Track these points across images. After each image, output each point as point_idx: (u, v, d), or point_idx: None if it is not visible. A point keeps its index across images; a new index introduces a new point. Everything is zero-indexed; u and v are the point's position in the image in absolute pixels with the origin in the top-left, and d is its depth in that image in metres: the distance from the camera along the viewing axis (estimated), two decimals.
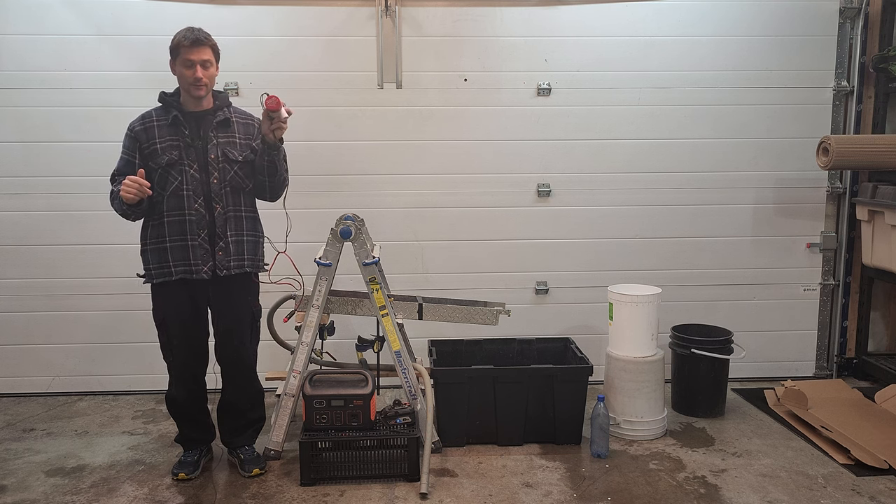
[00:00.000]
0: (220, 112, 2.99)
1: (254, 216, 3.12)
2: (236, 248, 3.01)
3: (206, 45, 2.88)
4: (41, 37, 3.88)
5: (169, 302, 3.03)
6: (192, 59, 2.85)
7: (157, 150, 2.91)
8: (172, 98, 2.96)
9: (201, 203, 2.94)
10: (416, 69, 4.02)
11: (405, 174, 4.12)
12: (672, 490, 3.04)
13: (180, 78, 2.91)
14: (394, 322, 3.28)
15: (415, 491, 3.01)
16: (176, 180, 2.91)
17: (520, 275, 4.24)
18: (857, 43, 4.13)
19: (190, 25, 2.91)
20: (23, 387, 4.16)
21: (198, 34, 2.87)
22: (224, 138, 2.98)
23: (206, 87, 2.91)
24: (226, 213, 2.98)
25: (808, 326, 4.40)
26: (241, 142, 3.01)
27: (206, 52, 2.88)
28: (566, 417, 3.46)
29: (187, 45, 2.84)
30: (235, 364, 3.15)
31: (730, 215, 4.26)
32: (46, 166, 3.98)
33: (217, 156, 2.95)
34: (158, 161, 2.90)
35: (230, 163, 2.97)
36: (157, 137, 2.92)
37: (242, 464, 3.17)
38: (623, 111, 4.12)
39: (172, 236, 2.93)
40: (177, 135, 2.92)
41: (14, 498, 3.01)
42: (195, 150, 2.93)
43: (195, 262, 2.94)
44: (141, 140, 2.93)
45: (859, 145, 3.89)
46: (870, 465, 3.18)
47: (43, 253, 4.05)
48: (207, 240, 2.96)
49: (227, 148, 2.97)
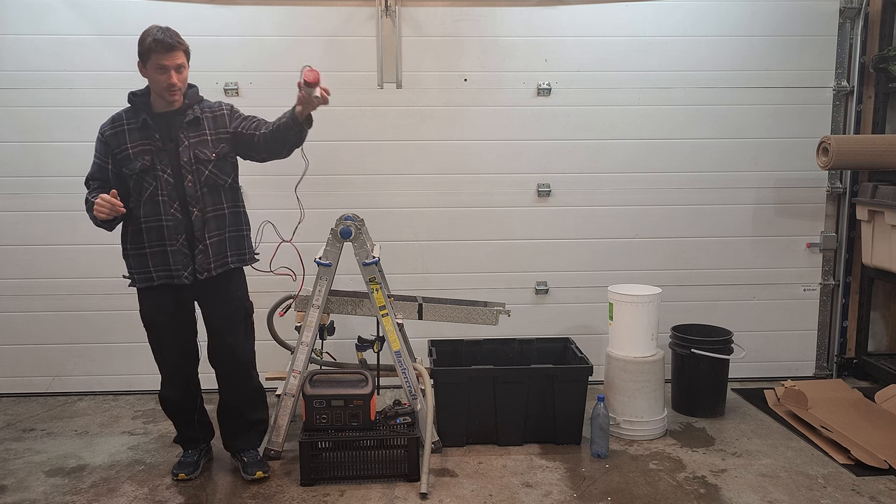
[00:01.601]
0: (190, 111, 2.90)
1: (236, 211, 3.03)
2: (217, 249, 2.95)
3: (178, 49, 2.79)
4: (41, 37, 3.88)
5: (154, 304, 3.00)
6: (166, 65, 2.76)
7: (129, 156, 2.85)
8: (141, 99, 2.89)
9: (177, 208, 2.88)
10: (416, 69, 4.02)
11: (405, 174, 4.11)
12: (672, 490, 3.04)
13: (152, 82, 2.82)
14: (394, 322, 3.28)
15: (415, 491, 3.01)
16: (151, 186, 2.85)
17: (520, 275, 4.24)
18: (857, 43, 4.13)
19: (157, 25, 2.82)
20: (23, 387, 4.16)
21: (170, 39, 2.76)
22: (195, 138, 2.89)
23: (179, 91, 2.83)
24: (204, 215, 2.92)
25: (808, 326, 4.40)
26: (212, 138, 2.93)
27: (179, 55, 2.79)
28: (566, 417, 3.46)
29: (160, 52, 2.74)
30: (230, 362, 3.11)
31: (730, 215, 4.26)
32: (46, 166, 3.98)
33: (189, 158, 2.87)
34: (131, 167, 2.85)
35: (203, 163, 2.90)
36: (128, 142, 2.85)
37: (245, 467, 3.12)
38: (623, 111, 4.12)
39: (151, 242, 2.89)
40: (147, 139, 2.85)
41: (14, 498, 3.01)
42: (167, 154, 2.86)
43: (175, 268, 2.90)
44: (112, 145, 2.87)
45: (859, 145, 3.89)
46: (870, 465, 3.18)
47: (43, 253, 4.05)
48: (186, 244, 2.90)
49: (199, 148, 2.89)
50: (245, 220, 3.11)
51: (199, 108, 2.96)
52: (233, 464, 3.24)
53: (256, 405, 3.24)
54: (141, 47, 2.79)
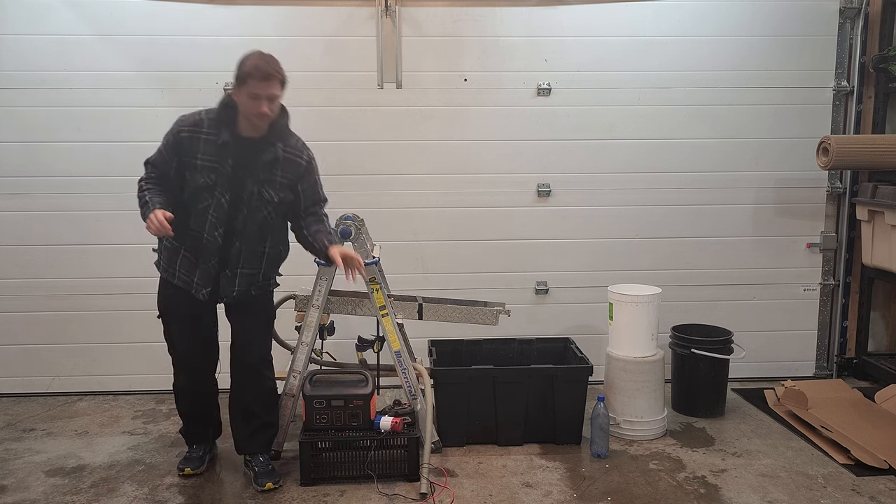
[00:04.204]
0: (272, 148, 2.84)
1: (277, 251, 3.03)
2: (244, 281, 2.94)
3: (276, 80, 2.72)
4: (41, 37, 3.88)
5: (170, 299, 3.01)
6: (260, 94, 2.70)
7: (196, 167, 2.80)
8: (229, 115, 2.80)
9: (221, 233, 2.85)
10: (416, 69, 4.02)
11: (405, 174, 4.11)
12: (672, 490, 3.04)
13: (243, 106, 2.75)
14: (394, 322, 3.28)
15: (415, 491, 3.01)
16: (205, 202, 2.82)
17: (520, 275, 4.24)
18: (857, 43, 4.13)
19: (260, 51, 2.76)
20: (23, 387, 4.15)
21: (270, 69, 2.70)
22: (266, 176, 2.85)
23: (269, 120, 2.78)
24: (242, 248, 2.90)
25: (808, 326, 4.40)
26: (281, 181, 2.88)
27: (275, 86, 2.73)
28: (566, 417, 3.46)
29: (258, 80, 2.68)
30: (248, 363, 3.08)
31: (730, 215, 4.26)
32: (46, 166, 3.98)
33: (253, 192, 2.84)
34: (195, 179, 2.80)
35: (264, 203, 2.86)
36: (200, 152, 2.79)
37: (256, 476, 3.07)
38: (623, 111, 4.12)
39: (187, 248, 2.90)
40: (220, 159, 2.79)
41: (14, 498, 3.01)
42: (232, 182, 2.82)
43: (197, 283, 2.90)
44: (184, 146, 2.81)
45: (859, 145, 3.89)
46: (870, 465, 3.18)
47: (43, 253, 4.05)
48: (216, 266, 2.90)
49: (266, 187, 2.85)
50: (284, 256, 3.10)
51: (283, 147, 2.88)
52: (245, 472, 3.18)
53: (270, 407, 3.20)
54: (239, 71, 2.74)
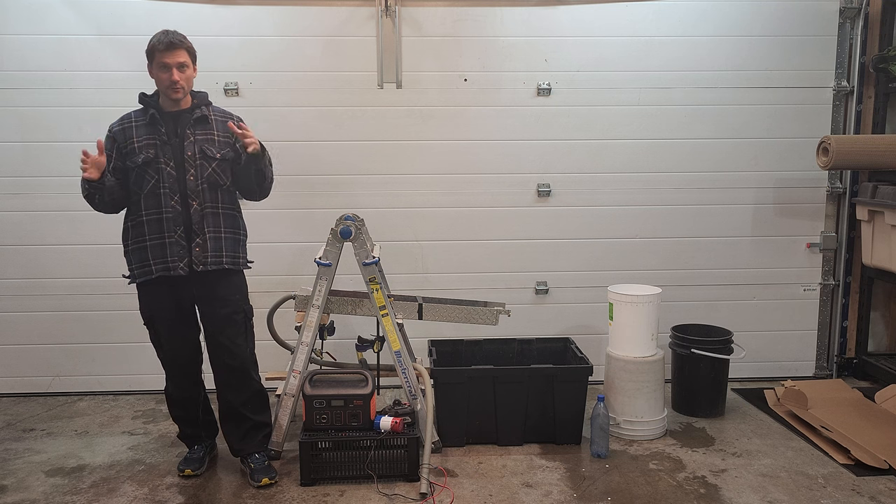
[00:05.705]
0: (198, 110, 2.98)
1: (233, 213, 3.07)
2: (214, 245, 2.98)
3: (181, 48, 2.88)
4: (41, 37, 3.88)
5: (153, 300, 3.03)
6: (168, 63, 2.85)
7: (134, 149, 2.92)
8: (151, 99, 2.97)
9: (177, 200, 2.93)
10: (416, 69, 4.02)
11: (405, 174, 4.11)
12: (672, 490, 3.04)
13: (157, 81, 2.92)
14: (394, 322, 3.28)
15: (415, 491, 3.01)
16: (153, 179, 2.91)
17: (520, 275, 4.24)
18: (857, 43, 4.13)
19: (165, 28, 2.92)
20: (23, 387, 4.16)
21: (172, 37, 2.87)
22: (202, 135, 2.97)
23: (182, 90, 2.91)
24: (202, 209, 2.96)
25: (808, 326, 4.40)
26: (219, 139, 2.99)
27: (181, 54, 2.88)
28: (566, 417, 3.46)
29: (162, 49, 2.85)
30: (229, 365, 3.10)
31: (730, 215, 4.26)
32: (46, 166, 3.98)
33: (194, 153, 2.93)
34: (135, 160, 2.91)
35: (207, 160, 2.95)
36: (134, 137, 2.93)
37: (252, 473, 3.10)
38: (623, 111, 4.12)
39: (151, 234, 2.94)
40: (153, 133, 2.93)
41: (14, 498, 3.01)
42: (171, 148, 2.92)
43: (172, 259, 2.94)
44: (119, 140, 2.95)
45: (859, 145, 3.89)
46: (870, 465, 3.18)
47: (43, 253, 4.05)
48: (184, 236, 2.95)
49: (205, 145, 2.95)
50: (242, 225, 3.13)
51: (209, 109, 3.03)
52: (242, 469, 3.20)
53: (260, 408, 3.22)
54: (147, 48, 2.91)
